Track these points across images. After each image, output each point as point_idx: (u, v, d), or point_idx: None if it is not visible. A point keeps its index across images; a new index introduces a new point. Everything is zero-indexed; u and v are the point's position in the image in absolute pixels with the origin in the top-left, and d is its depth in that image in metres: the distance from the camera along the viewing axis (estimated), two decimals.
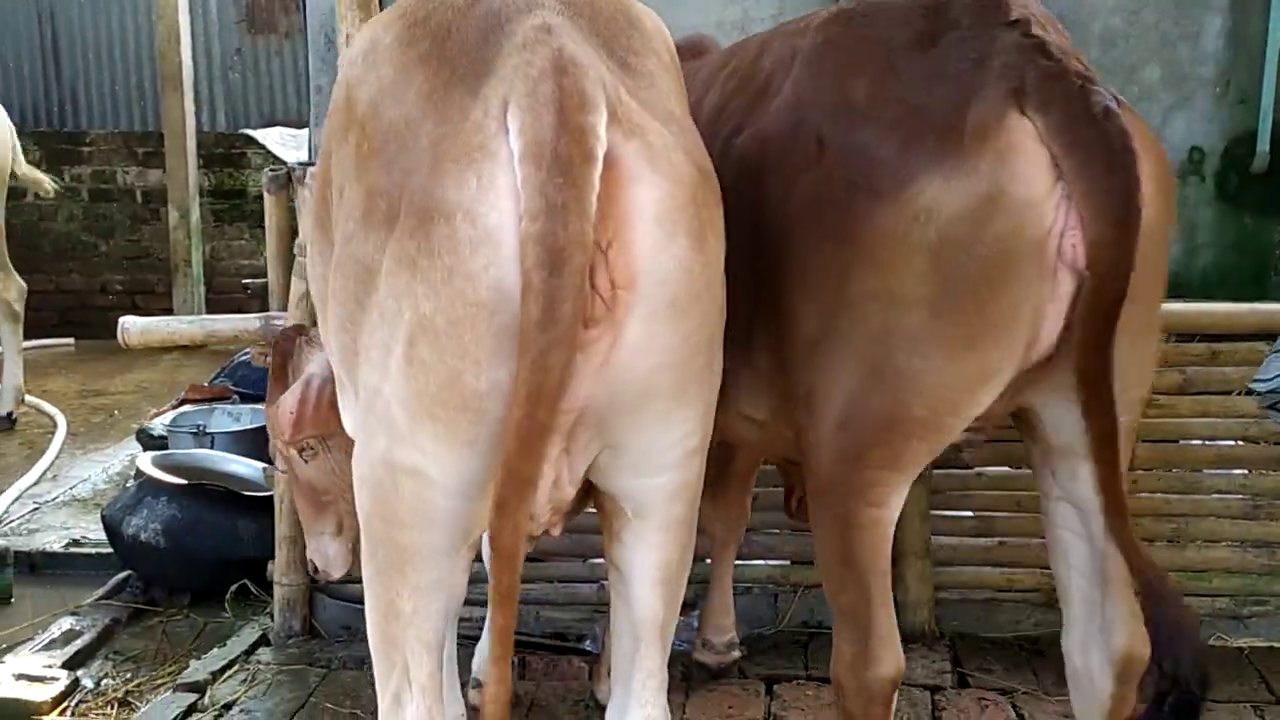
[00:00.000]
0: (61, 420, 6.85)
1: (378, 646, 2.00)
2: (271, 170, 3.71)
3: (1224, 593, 3.57)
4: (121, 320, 3.66)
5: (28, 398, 7.12)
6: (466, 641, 3.68)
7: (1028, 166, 1.91)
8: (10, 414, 6.82)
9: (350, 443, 2.84)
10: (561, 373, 1.64)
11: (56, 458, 6.19)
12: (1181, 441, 3.57)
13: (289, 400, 2.78)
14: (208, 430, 5.17)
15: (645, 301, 1.74)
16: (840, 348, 2.09)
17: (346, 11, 3.49)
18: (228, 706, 3.30)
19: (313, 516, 3.03)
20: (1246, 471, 3.56)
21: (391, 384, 1.80)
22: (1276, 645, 3.51)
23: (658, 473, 1.95)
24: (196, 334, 3.68)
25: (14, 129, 6.89)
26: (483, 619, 3.76)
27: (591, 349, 1.73)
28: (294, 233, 3.67)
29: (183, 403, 6.12)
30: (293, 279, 3.54)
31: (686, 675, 3.41)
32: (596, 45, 1.82)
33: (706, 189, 1.85)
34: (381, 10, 4.72)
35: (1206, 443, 3.53)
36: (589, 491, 2.07)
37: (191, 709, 3.28)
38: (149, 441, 5.52)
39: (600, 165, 1.65)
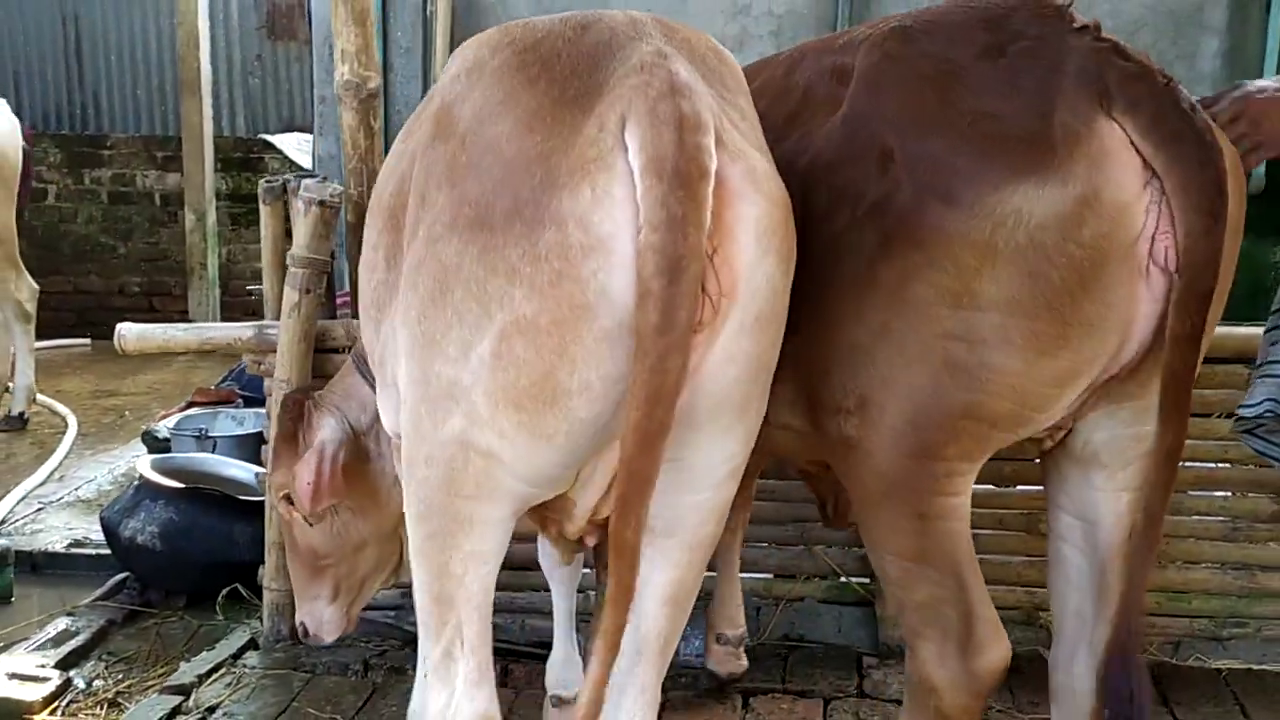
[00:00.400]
0: (72, 420, 6.94)
1: (428, 606, 2.08)
2: (267, 181, 3.77)
3: (1203, 614, 3.59)
4: (118, 327, 3.73)
5: (40, 397, 7.21)
6: None
7: (1120, 170, 1.96)
8: (22, 413, 6.90)
9: (362, 504, 2.95)
10: (678, 375, 1.75)
11: (65, 458, 6.27)
12: None
13: (304, 473, 2.79)
14: (210, 434, 5.24)
15: (738, 312, 1.86)
16: (901, 350, 2.11)
17: (342, 27, 3.55)
18: (211, 709, 3.35)
19: (308, 580, 3.04)
20: (1228, 494, 3.57)
21: (473, 375, 1.89)
22: (1255, 668, 3.51)
23: (703, 489, 2.05)
24: (191, 341, 3.74)
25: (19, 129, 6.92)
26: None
27: (691, 355, 1.83)
28: (289, 242, 3.72)
29: (189, 405, 6.20)
30: (285, 289, 3.60)
31: (666, 686, 3.43)
32: (702, 76, 1.94)
33: (791, 215, 1.98)
34: (384, 22, 4.80)
35: (1186, 464, 3.53)
36: None
37: (176, 711, 3.33)
38: (154, 444, 5.59)
39: (712, 183, 1.77)
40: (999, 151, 2.01)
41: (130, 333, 3.69)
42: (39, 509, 5.44)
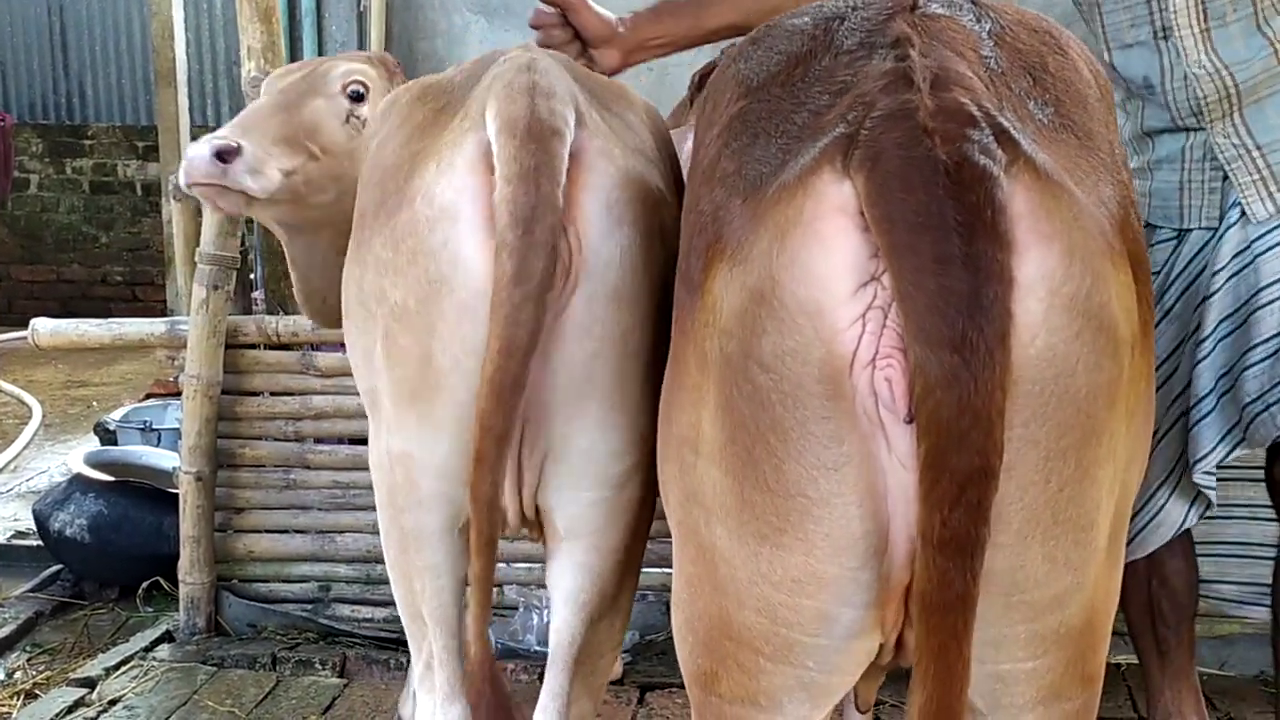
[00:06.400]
0: (37, 411, 6.98)
1: (406, 622, 2.14)
2: (175, 177, 3.79)
3: None
4: (32, 322, 3.78)
5: (8, 386, 7.28)
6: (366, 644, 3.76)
7: (813, 250, 1.30)
8: None
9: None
10: (532, 327, 1.74)
11: (25, 448, 6.32)
12: None
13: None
14: (154, 427, 5.28)
15: (590, 281, 1.85)
16: (672, 515, 1.58)
17: (248, 24, 3.56)
18: (113, 702, 3.37)
19: (283, 135, 2.45)
20: None
21: (380, 379, 1.95)
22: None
23: (593, 487, 2.01)
24: (104, 336, 3.79)
25: None
26: (384, 620, 3.84)
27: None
28: (198, 239, 3.75)
29: (148, 397, 6.25)
30: (194, 285, 3.63)
31: None
32: (576, 83, 1.98)
33: (661, 200, 1.96)
34: (318, 16, 4.82)
35: None
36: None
37: (79, 703, 3.37)
38: (105, 436, 5.63)
39: (568, 143, 1.80)
40: (724, 214, 1.43)
41: (44, 328, 3.73)
42: None
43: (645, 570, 3.71)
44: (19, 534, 5.01)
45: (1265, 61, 2.33)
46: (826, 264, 1.29)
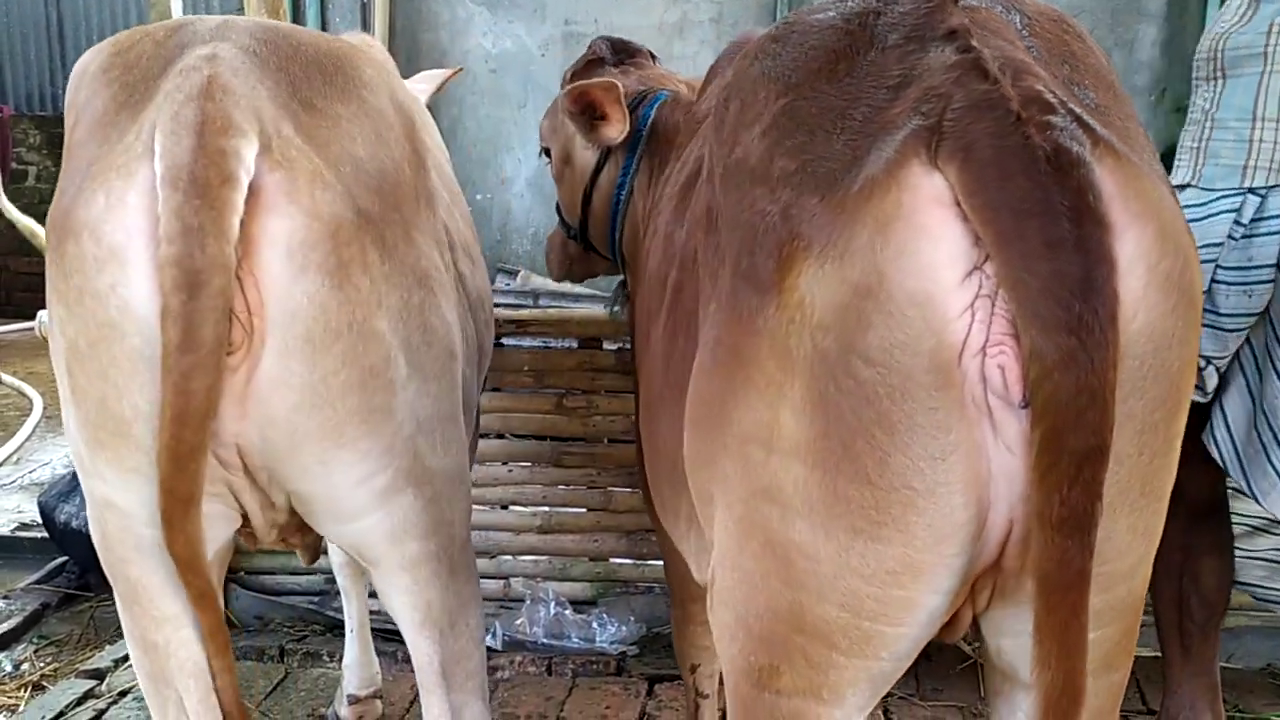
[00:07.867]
0: (38, 403, 6.98)
1: (146, 685, 1.99)
2: None
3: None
4: (40, 314, 3.75)
5: (8, 378, 7.27)
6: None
7: (920, 242, 1.30)
8: None
9: None
10: (207, 395, 1.63)
11: (26, 440, 6.31)
12: None
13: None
14: None
15: (277, 334, 1.72)
16: (729, 510, 1.54)
17: (254, 13, 3.56)
18: (123, 694, 3.39)
19: None
20: None
21: (69, 415, 1.79)
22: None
23: (355, 517, 1.92)
24: None
25: None
26: (379, 611, 3.84)
27: (233, 379, 1.71)
28: None
29: None
30: None
31: (577, 673, 3.48)
32: (277, 80, 1.79)
33: (357, 230, 1.80)
34: (321, 7, 4.81)
35: None
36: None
37: (88, 695, 3.38)
38: None
39: (243, 189, 1.64)
40: (798, 212, 1.40)
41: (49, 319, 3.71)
42: None
43: (651, 563, 3.78)
44: (23, 526, 5.01)
45: (1252, 39, 2.34)
46: (934, 255, 1.29)
